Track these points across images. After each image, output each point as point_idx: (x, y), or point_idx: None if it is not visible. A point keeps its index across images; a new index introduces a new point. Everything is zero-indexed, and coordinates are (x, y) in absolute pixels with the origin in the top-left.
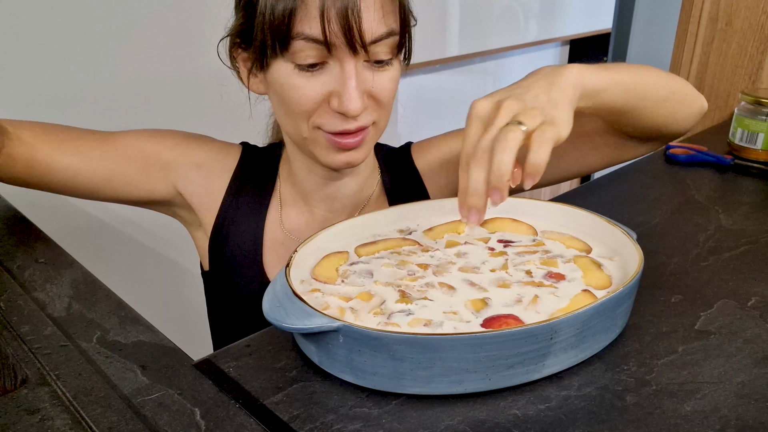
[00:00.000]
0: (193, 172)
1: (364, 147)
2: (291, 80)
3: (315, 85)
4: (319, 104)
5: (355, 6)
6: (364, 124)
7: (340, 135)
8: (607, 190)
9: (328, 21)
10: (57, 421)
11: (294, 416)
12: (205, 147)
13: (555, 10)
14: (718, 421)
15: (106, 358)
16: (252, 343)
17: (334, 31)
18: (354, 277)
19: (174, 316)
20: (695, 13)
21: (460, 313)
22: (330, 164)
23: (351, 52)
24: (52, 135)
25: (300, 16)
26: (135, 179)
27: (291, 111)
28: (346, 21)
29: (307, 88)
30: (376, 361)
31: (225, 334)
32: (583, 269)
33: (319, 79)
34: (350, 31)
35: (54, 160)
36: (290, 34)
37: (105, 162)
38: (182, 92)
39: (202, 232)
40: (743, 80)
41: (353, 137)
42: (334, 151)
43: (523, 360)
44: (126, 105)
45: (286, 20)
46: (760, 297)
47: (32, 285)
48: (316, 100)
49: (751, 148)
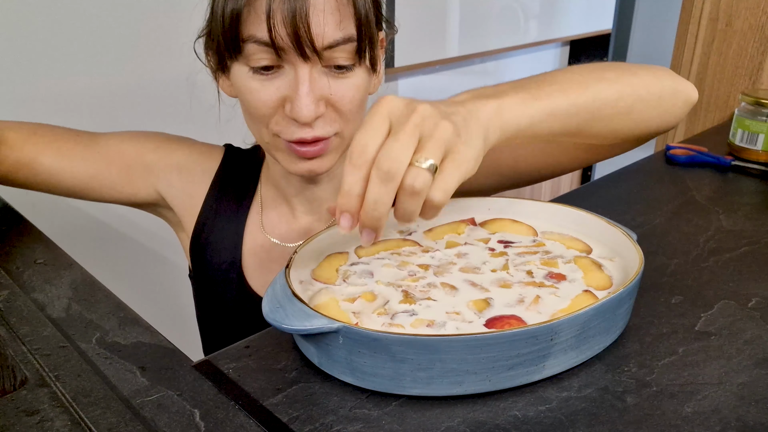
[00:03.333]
0: (173, 175)
1: (327, 156)
2: (247, 83)
3: (269, 89)
4: (275, 109)
5: (302, 10)
6: (322, 134)
7: (298, 143)
8: (607, 190)
9: (275, 25)
10: (56, 422)
11: (294, 417)
12: (187, 150)
13: (555, 10)
14: (718, 422)
15: (105, 359)
16: (252, 344)
17: (281, 35)
18: (354, 278)
19: (173, 317)
20: (695, 14)
21: (462, 313)
22: (293, 172)
23: (301, 58)
24: (37, 136)
25: (248, 19)
26: (116, 182)
27: (251, 115)
28: (293, 25)
29: (262, 92)
30: (376, 363)
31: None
32: (583, 270)
33: (274, 83)
34: (298, 35)
35: (36, 161)
36: (241, 36)
37: (86, 164)
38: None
39: (185, 235)
40: (743, 81)
41: (312, 146)
42: (295, 158)
43: (524, 361)
44: (120, 108)
45: (235, 22)
46: (760, 298)
47: (31, 286)
48: (270, 105)
49: (751, 149)
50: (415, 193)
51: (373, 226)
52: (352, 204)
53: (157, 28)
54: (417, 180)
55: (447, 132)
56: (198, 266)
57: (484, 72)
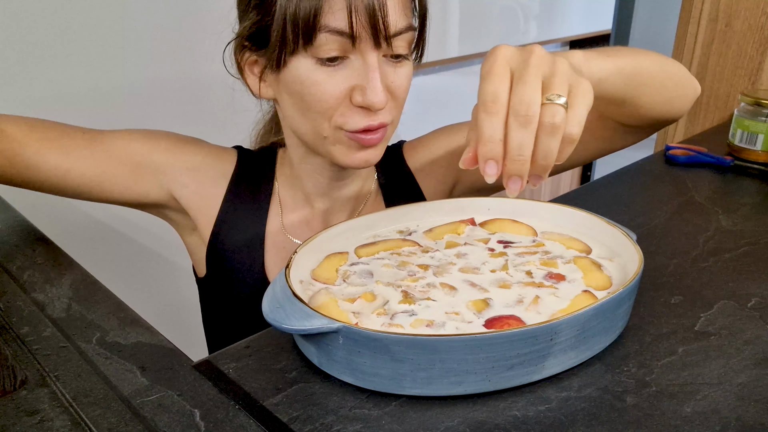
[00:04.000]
0: (187, 177)
1: (381, 145)
2: (312, 76)
3: (337, 80)
4: (341, 100)
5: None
6: (385, 120)
7: (363, 132)
8: (607, 190)
9: (356, 12)
10: (56, 423)
11: (294, 417)
12: (200, 151)
13: (555, 10)
14: (718, 422)
15: (105, 359)
16: (252, 344)
17: (361, 23)
18: (354, 278)
19: (174, 317)
20: (695, 14)
21: (462, 313)
22: (349, 164)
23: (374, 45)
24: (39, 132)
25: (326, 8)
26: (126, 182)
27: (311, 109)
28: (372, 12)
29: (329, 83)
30: (376, 363)
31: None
32: (583, 270)
33: (341, 74)
34: (376, 22)
35: (41, 158)
36: (316, 26)
37: (95, 163)
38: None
39: (196, 237)
40: (743, 81)
41: (374, 134)
42: (355, 149)
43: (523, 361)
44: (124, 109)
45: (312, 12)
46: (760, 298)
47: (32, 286)
48: (338, 96)
49: (750, 149)
50: (555, 128)
51: (519, 172)
52: (496, 150)
53: (162, 29)
54: (556, 116)
55: (565, 67)
56: (214, 268)
57: None
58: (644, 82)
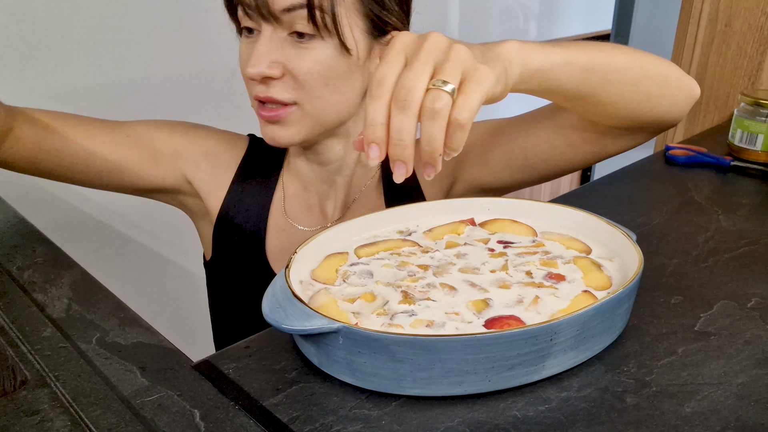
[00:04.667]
0: (201, 160)
1: (287, 127)
2: (240, 47)
3: (248, 50)
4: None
5: None
6: (276, 97)
7: (260, 104)
8: (606, 191)
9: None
10: (56, 423)
11: (293, 417)
12: (213, 136)
13: (555, 10)
14: (718, 422)
15: (105, 359)
16: (252, 345)
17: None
18: (354, 278)
19: (173, 317)
20: (695, 14)
21: (461, 313)
22: (263, 136)
23: (262, 19)
24: (66, 120)
25: None
26: (145, 166)
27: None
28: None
29: (244, 54)
30: (375, 363)
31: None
32: (583, 270)
33: (251, 46)
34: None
35: (64, 145)
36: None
37: (117, 148)
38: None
39: (207, 221)
40: (743, 81)
41: (270, 111)
42: (263, 123)
43: (523, 361)
44: (128, 105)
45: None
46: (760, 298)
47: (32, 286)
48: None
49: (750, 149)
50: (435, 113)
51: (400, 156)
52: (377, 134)
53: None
54: (435, 102)
55: (461, 53)
56: (219, 249)
57: None
58: (611, 78)
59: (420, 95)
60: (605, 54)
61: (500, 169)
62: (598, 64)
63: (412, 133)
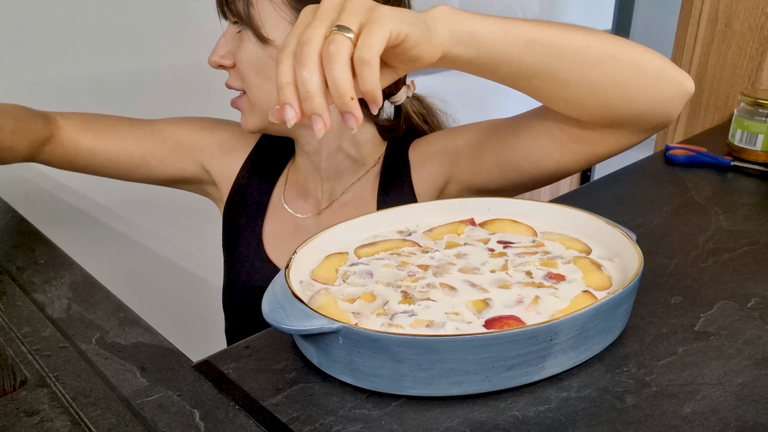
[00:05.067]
0: (217, 151)
1: (244, 114)
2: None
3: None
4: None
5: None
6: (229, 84)
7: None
8: (606, 191)
9: None
10: (56, 423)
11: (293, 418)
12: (229, 128)
13: (555, 10)
14: (717, 422)
15: (105, 359)
16: (251, 345)
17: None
18: (354, 278)
19: (173, 317)
20: (695, 14)
21: (461, 314)
22: None
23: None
24: (95, 122)
25: None
26: (167, 159)
27: None
28: None
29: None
30: (375, 363)
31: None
32: (583, 270)
33: None
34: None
35: (97, 144)
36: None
37: (142, 143)
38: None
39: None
40: (743, 81)
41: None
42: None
43: (523, 361)
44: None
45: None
46: (759, 298)
47: (31, 286)
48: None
49: (750, 149)
50: (331, 56)
51: (311, 109)
52: (287, 94)
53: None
54: (330, 45)
55: (357, 3)
56: (227, 235)
57: None
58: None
59: (317, 45)
60: (558, 30)
61: (492, 170)
62: (546, 37)
63: (316, 83)
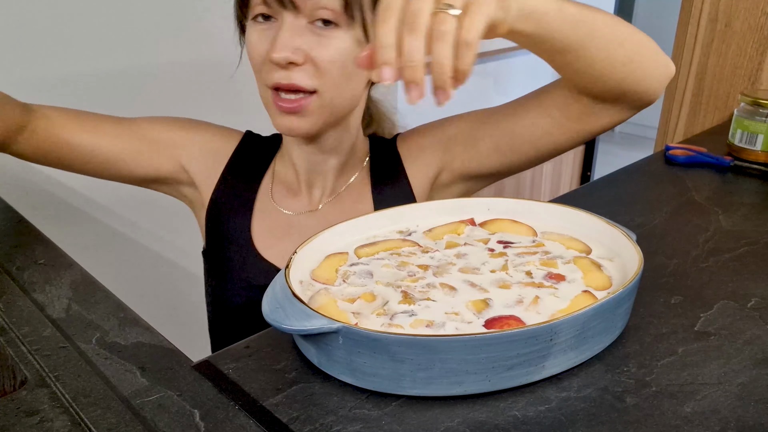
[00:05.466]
0: (197, 151)
1: (305, 117)
2: (250, 37)
3: (263, 39)
4: (265, 58)
5: None
6: (299, 83)
7: (277, 94)
8: (606, 191)
9: None
10: (56, 423)
11: (293, 417)
12: (210, 129)
13: None
14: (717, 422)
15: (105, 359)
16: (251, 345)
17: None
18: (354, 278)
19: (173, 317)
20: (695, 14)
21: (461, 314)
22: (277, 128)
23: (281, 6)
24: (74, 116)
25: None
26: (145, 156)
27: (253, 69)
28: None
29: (257, 42)
30: (375, 363)
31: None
32: (583, 270)
33: (267, 34)
34: None
35: (74, 136)
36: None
37: (118, 140)
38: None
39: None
40: (743, 81)
41: (290, 103)
42: (278, 113)
43: (523, 361)
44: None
45: None
46: (759, 298)
47: (31, 286)
48: (261, 53)
49: (750, 149)
50: (442, 35)
51: (413, 78)
52: (389, 54)
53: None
54: (442, 24)
55: None
56: (211, 236)
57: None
58: (597, 35)
59: (427, 18)
60: (592, 10)
61: (488, 155)
62: (587, 18)
63: (422, 54)
